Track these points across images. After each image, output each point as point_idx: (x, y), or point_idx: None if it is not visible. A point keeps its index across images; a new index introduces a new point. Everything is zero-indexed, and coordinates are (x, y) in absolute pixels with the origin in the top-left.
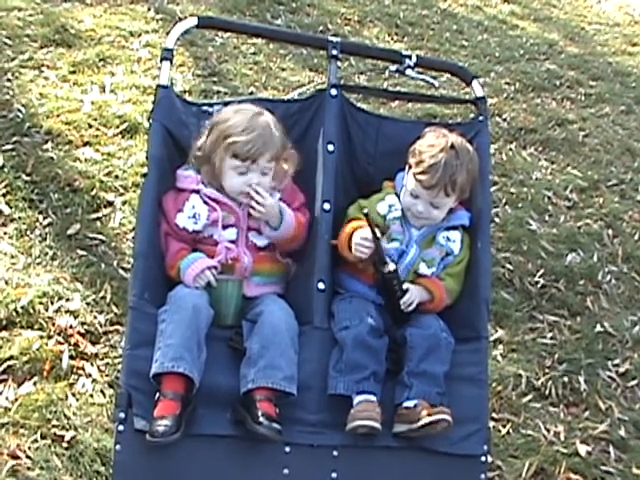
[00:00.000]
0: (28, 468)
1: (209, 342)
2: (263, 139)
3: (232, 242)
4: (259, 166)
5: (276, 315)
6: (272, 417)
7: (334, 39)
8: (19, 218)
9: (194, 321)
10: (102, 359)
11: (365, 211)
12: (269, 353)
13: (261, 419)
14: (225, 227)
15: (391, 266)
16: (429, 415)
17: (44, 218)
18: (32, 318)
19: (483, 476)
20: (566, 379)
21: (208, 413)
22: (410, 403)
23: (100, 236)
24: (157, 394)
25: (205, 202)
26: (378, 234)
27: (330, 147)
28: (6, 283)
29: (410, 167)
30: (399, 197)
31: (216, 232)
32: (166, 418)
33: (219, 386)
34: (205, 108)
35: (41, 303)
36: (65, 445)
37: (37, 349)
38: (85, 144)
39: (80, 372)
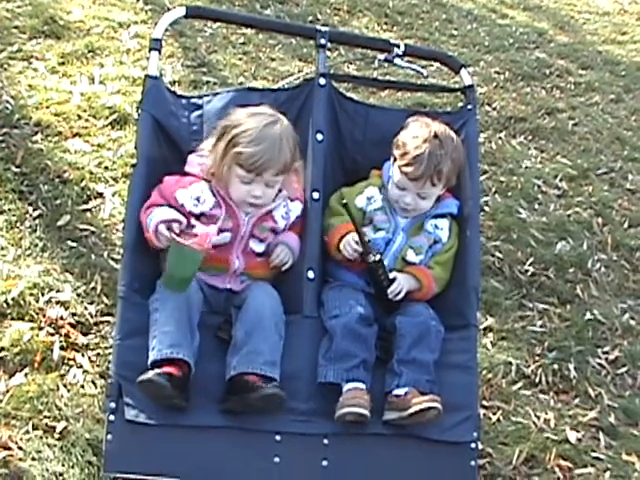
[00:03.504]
0: (20, 459)
1: (199, 330)
2: (270, 154)
3: (224, 245)
4: (263, 179)
5: (260, 300)
6: (263, 384)
7: (323, 28)
8: (9, 210)
9: (186, 307)
10: (93, 350)
11: (344, 201)
12: (252, 339)
13: (258, 387)
14: (220, 231)
15: (376, 256)
16: (419, 403)
17: (34, 210)
18: (23, 309)
19: (473, 463)
20: (556, 366)
21: (198, 403)
22: (400, 391)
23: (90, 227)
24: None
25: (213, 194)
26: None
27: (319, 136)
28: None
29: (395, 159)
30: (384, 187)
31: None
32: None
33: (209, 376)
34: (194, 100)
35: (31, 294)
36: (57, 436)
37: (28, 340)
38: (74, 135)
39: (71, 363)
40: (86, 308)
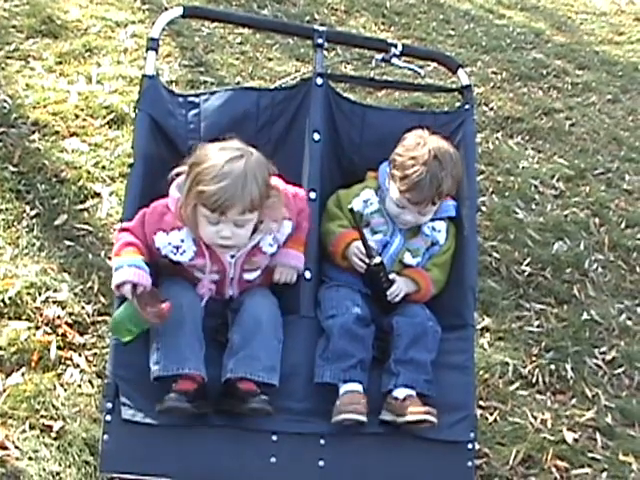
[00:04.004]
0: (17, 459)
1: None
2: (232, 191)
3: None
4: (229, 218)
5: (258, 304)
6: (257, 392)
7: (320, 28)
8: (6, 209)
9: (191, 318)
10: (90, 349)
11: (350, 206)
12: (249, 344)
13: (247, 397)
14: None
15: (377, 259)
16: (415, 414)
17: (31, 209)
18: (20, 309)
19: (470, 463)
20: (553, 367)
21: None
22: (400, 393)
23: (87, 226)
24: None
25: (195, 242)
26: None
27: (316, 136)
28: None
29: (393, 177)
30: (381, 189)
31: (196, 272)
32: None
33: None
34: (192, 99)
35: (29, 294)
36: (54, 435)
37: (25, 340)
38: (72, 135)
39: (68, 362)
40: (83, 307)
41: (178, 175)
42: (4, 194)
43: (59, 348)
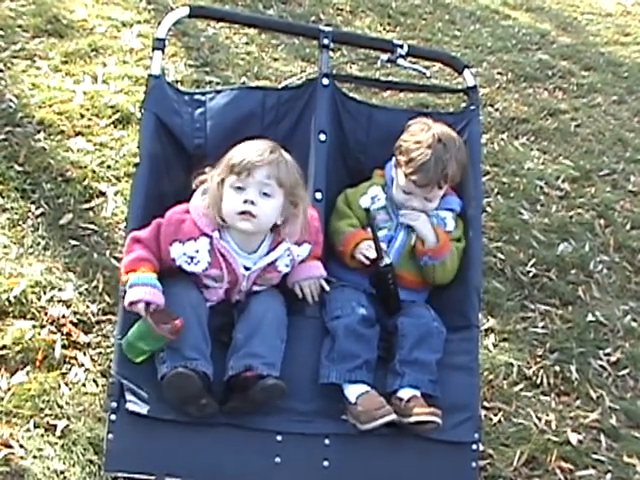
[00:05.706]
0: (21, 457)
1: None
2: (260, 153)
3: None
4: (255, 179)
5: (263, 303)
6: (264, 375)
7: (326, 28)
8: (11, 208)
9: (195, 317)
10: (95, 348)
11: (365, 207)
12: (250, 341)
13: (255, 381)
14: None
15: (386, 260)
16: (420, 414)
17: (36, 208)
18: (25, 308)
19: (474, 464)
20: (557, 368)
21: None
22: (405, 394)
23: (92, 226)
24: None
25: (211, 253)
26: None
27: (322, 136)
28: None
29: (398, 164)
30: (387, 185)
31: (209, 281)
32: None
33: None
34: (198, 97)
35: (34, 293)
36: (58, 434)
37: (30, 339)
38: (77, 134)
39: (73, 361)
40: (88, 307)
41: (202, 183)
42: (9, 193)
43: (64, 347)
